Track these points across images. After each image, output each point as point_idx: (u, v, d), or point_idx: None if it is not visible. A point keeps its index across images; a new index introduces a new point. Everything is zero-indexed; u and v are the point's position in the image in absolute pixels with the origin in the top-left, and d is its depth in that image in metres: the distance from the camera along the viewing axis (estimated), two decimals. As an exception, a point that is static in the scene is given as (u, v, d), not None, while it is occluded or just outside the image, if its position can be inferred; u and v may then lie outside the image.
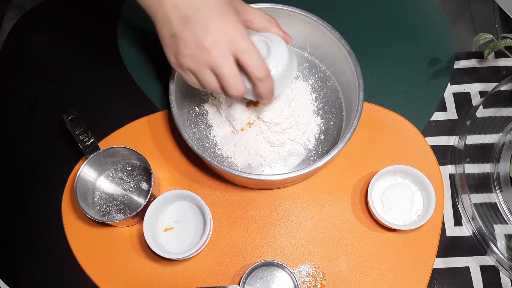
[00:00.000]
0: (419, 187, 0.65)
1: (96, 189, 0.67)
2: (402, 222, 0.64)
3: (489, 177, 0.67)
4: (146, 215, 0.61)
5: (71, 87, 0.76)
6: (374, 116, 0.71)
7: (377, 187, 0.66)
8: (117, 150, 0.65)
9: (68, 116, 0.65)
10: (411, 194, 0.65)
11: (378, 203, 0.65)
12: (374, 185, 0.64)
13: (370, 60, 0.74)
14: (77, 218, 0.66)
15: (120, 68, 0.76)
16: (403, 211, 0.64)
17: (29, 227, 0.67)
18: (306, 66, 0.73)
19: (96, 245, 0.65)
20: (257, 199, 0.67)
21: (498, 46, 0.66)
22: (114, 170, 0.68)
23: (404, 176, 0.66)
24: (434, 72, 0.74)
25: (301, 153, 0.68)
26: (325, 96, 0.71)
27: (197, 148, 0.59)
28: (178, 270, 0.64)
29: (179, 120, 0.61)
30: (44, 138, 0.72)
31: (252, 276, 0.61)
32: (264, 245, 0.65)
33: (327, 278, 0.63)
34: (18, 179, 0.70)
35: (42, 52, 0.78)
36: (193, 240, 0.63)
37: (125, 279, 0.63)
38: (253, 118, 0.66)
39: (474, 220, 0.65)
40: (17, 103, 0.75)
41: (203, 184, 0.68)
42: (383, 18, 0.79)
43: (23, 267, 0.65)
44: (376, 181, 0.64)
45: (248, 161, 0.67)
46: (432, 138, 0.71)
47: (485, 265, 0.64)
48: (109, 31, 0.78)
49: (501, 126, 0.70)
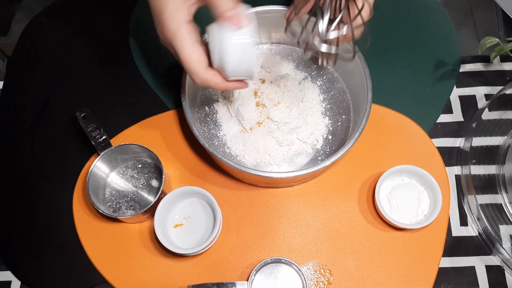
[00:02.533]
0: (426, 187, 0.66)
1: (107, 185, 0.68)
2: (408, 221, 0.65)
3: (494, 179, 0.68)
4: (157, 211, 0.61)
5: (83, 86, 0.77)
6: (381, 117, 0.72)
7: (384, 186, 0.67)
8: (128, 147, 0.66)
9: (81, 113, 0.66)
10: (418, 194, 0.66)
11: (385, 202, 0.66)
12: (381, 184, 0.65)
13: (377, 63, 0.75)
14: (88, 214, 0.67)
15: (131, 67, 0.77)
16: (410, 211, 0.65)
17: (40, 222, 0.68)
18: (315, 68, 0.74)
19: (106, 241, 0.66)
20: (265, 197, 0.68)
21: (504, 50, 0.67)
22: (125, 167, 0.69)
23: (411, 176, 0.67)
24: (440, 75, 0.75)
25: (309, 152, 0.69)
26: (333, 97, 0.72)
27: (208, 145, 0.60)
28: (186, 266, 0.64)
29: (190, 118, 0.62)
30: (56, 135, 0.73)
31: (261, 273, 0.62)
32: (272, 243, 0.65)
33: (334, 275, 0.64)
34: (30, 176, 0.71)
35: (54, 52, 0.80)
36: (202, 237, 0.64)
37: (135, 274, 0.64)
38: (262, 118, 0.67)
39: (479, 221, 0.66)
40: (31, 101, 0.76)
41: (212, 182, 0.69)
42: (390, 22, 0.80)
43: (34, 262, 0.66)
44: (383, 181, 0.65)
45: (257, 159, 0.68)
46: (438, 140, 0.72)
47: (491, 265, 0.65)
48: (120, 31, 0.80)
49: (506, 129, 0.71)
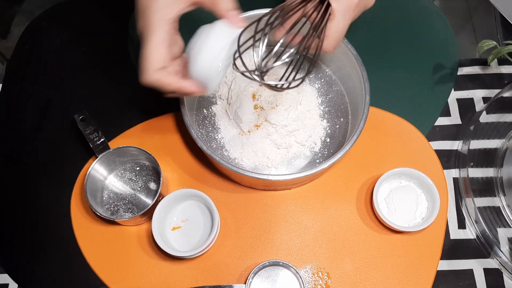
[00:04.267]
0: (424, 189, 0.66)
1: (105, 188, 0.68)
2: (406, 224, 0.65)
3: (492, 181, 0.68)
4: (155, 213, 0.61)
5: (82, 89, 0.77)
6: (380, 120, 0.72)
7: (382, 189, 0.67)
8: (127, 149, 0.66)
9: (79, 116, 0.66)
10: (415, 196, 0.66)
11: (383, 205, 0.66)
12: (379, 187, 0.65)
13: (376, 66, 0.75)
14: (85, 216, 0.67)
15: (130, 70, 0.77)
16: (408, 213, 0.65)
17: (38, 224, 0.68)
18: (313, 71, 0.74)
19: (104, 244, 0.66)
20: (263, 200, 0.68)
21: (501, 52, 0.67)
22: (123, 170, 0.69)
23: (409, 179, 0.67)
24: (438, 78, 0.76)
25: (307, 155, 0.69)
26: (331, 100, 0.72)
27: (206, 148, 0.60)
28: (184, 269, 0.64)
29: (188, 120, 0.62)
30: (55, 137, 0.73)
31: (258, 276, 0.62)
32: (270, 245, 0.65)
33: (332, 278, 0.63)
34: (29, 177, 0.71)
35: (53, 55, 0.80)
36: (200, 239, 0.64)
37: (132, 276, 0.64)
38: (260, 120, 0.67)
39: (477, 223, 0.65)
40: (30, 104, 0.76)
41: (210, 184, 0.69)
42: (389, 26, 0.80)
43: (32, 265, 0.66)
44: (381, 183, 0.65)
45: (255, 162, 0.68)
46: (436, 143, 0.72)
47: (489, 268, 0.65)
48: (119, 34, 0.80)
49: (504, 132, 0.71)
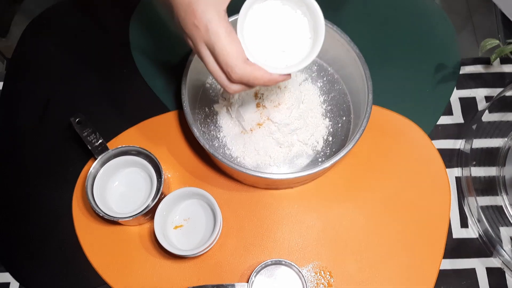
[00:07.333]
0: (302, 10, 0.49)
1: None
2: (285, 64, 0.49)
3: (495, 180, 0.68)
4: (157, 212, 0.61)
5: (82, 88, 0.76)
6: (382, 119, 0.72)
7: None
8: (127, 149, 0.66)
9: (75, 119, 0.65)
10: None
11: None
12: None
13: (378, 65, 0.74)
14: (87, 216, 0.67)
15: (131, 69, 0.77)
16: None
17: (39, 224, 0.68)
18: (315, 69, 0.74)
19: (106, 243, 0.66)
20: (265, 199, 0.68)
21: (504, 51, 0.67)
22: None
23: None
24: (440, 77, 0.75)
25: (310, 154, 0.69)
26: (334, 98, 0.72)
27: (208, 146, 0.60)
28: (186, 268, 0.64)
29: (191, 119, 0.62)
30: (56, 137, 0.73)
31: (261, 274, 0.62)
32: (273, 244, 0.65)
33: (335, 277, 0.63)
34: (29, 178, 0.71)
35: (53, 54, 0.79)
36: (202, 238, 0.63)
37: (134, 276, 0.64)
38: (262, 119, 0.67)
39: (480, 222, 0.65)
40: (30, 103, 0.76)
41: (212, 183, 0.68)
42: (391, 25, 0.80)
43: (33, 264, 0.66)
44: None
45: (257, 161, 0.67)
46: (439, 142, 0.71)
47: (491, 267, 0.64)
48: (120, 33, 0.80)
49: (506, 131, 0.71)
